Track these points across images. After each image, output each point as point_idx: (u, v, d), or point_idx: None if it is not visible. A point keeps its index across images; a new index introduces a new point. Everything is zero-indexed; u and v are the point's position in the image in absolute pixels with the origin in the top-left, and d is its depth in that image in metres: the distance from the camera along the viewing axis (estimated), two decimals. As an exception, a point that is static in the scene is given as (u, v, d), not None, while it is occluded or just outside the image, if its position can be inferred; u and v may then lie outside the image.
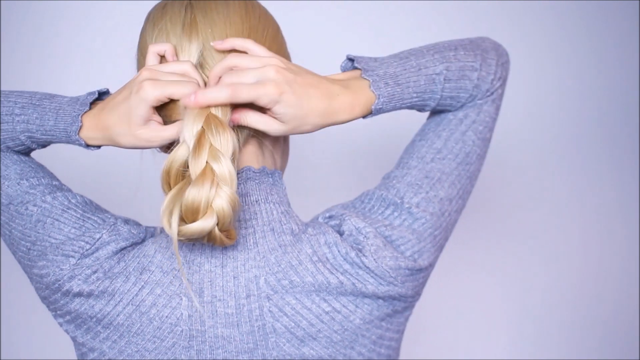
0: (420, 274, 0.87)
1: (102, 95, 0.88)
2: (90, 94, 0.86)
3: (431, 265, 0.89)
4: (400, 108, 0.88)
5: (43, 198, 0.87)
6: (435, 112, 0.93)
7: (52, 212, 0.86)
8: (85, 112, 0.84)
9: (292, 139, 0.99)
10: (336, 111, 0.82)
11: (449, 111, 0.91)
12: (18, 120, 0.87)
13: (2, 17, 1.68)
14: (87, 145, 0.85)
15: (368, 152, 1.84)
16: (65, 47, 1.73)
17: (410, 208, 0.86)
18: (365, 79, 0.85)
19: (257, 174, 0.86)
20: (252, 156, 0.88)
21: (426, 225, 0.87)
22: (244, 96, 0.78)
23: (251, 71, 0.79)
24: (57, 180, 0.91)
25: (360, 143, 1.86)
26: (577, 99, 2.05)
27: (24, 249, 0.87)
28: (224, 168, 0.75)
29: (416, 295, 0.89)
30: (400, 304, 0.87)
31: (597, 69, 2.04)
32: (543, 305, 2.09)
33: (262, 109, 0.81)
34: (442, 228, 0.89)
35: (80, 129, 0.84)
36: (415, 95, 0.87)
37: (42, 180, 0.89)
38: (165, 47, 0.83)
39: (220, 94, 0.77)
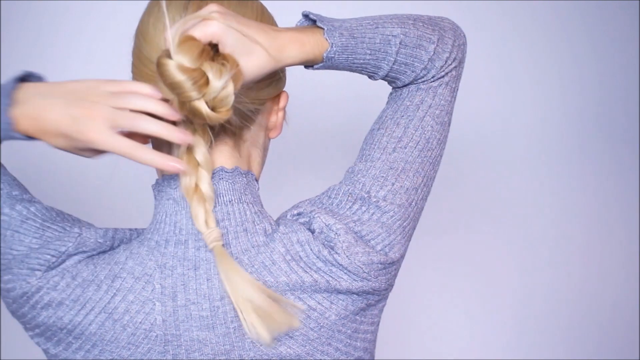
0: (392, 267, 0.87)
1: (28, 78, 0.82)
2: (11, 81, 0.79)
3: (402, 257, 0.89)
4: (353, 66, 0.86)
5: (1, 211, 0.85)
6: (392, 96, 0.91)
7: (10, 224, 0.84)
8: (12, 105, 0.77)
9: (287, 138, 0.99)
10: (285, 45, 0.79)
11: (403, 84, 0.89)
12: None
13: (2, 17, 1.68)
14: (29, 138, 0.80)
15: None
16: (65, 47, 1.73)
17: (377, 202, 0.86)
18: (320, 27, 0.83)
19: (230, 174, 0.85)
20: (226, 156, 0.86)
21: (395, 217, 0.86)
22: (189, 22, 0.74)
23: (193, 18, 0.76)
24: (18, 189, 0.87)
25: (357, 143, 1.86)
26: (577, 99, 2.05)
27: None
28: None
29: (389, 287, 0.89)
30: (374, 297, 0.87)
31: (597, 69, 2.04)
32: (543, 305, 2.08)
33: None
34: (410, 218, 0.88)
35: (15, 124, 0.78)
36: (369, 52, 0.85)
37: None
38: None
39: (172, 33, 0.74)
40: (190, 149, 0.80)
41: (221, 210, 0.84)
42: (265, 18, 0.87)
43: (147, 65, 0.83)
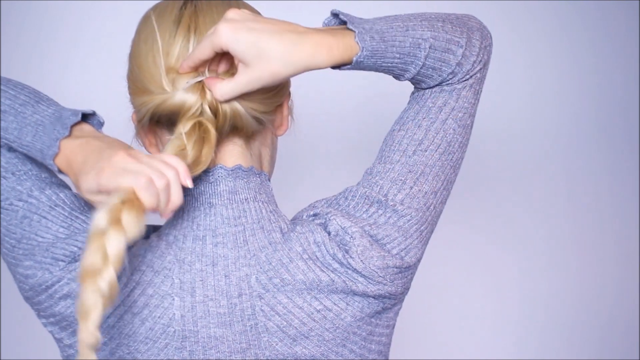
0: (408, 271, 0.86)
1: (87, 118, 0.84)
2: (73, 113, 0.81)
3: (419, 261, 0.87)
4: (380, 68, 0.84)
5: (30, 193, 0.84)
6: (415, 96, 0.90)
7: (39, 208, 0.84)
8: (66, 136, 0.80)
9: (293, 139, 0.99)
10: (310, 49, 0.77)
11: (427, 86, 0.88)
12: None
13: (2, 17, 1.68)
14: (60, 172, 0.81)
15: (370, 152, 1.84)
16: (65, 47, 1.73)
17: (394, 206, 0.85)
18: (350, 30, 0.81)
19: (246, 173, 0.85)
20: (240, 156, 0.86)
21: (412, 221, 0.85)
22: (200, 51, 0.77)
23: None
24: (47, 171, 0.88)
25: (361, 143, 1.86)
26: (576, 99, 2.05)
27: (8, 246, 0.85)
28: None
29: (405, 291, 0.88)
30: (390, 301, 0.87)
31: (597, 69, 2.04)
32: (543, 305, 2.08)
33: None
34: (428, 222, 0.87)
35: (56, 155, 0.79)
36: (398, 55, 0.83)
37: (30, 172, 0.86)
38: None
39: (185, 64, 0.79)
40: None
41: (237, 207, 0.84)
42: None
43: (144, 92, 0.83)
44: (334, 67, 0.83)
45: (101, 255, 0.70)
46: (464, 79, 0.87)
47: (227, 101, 0.80)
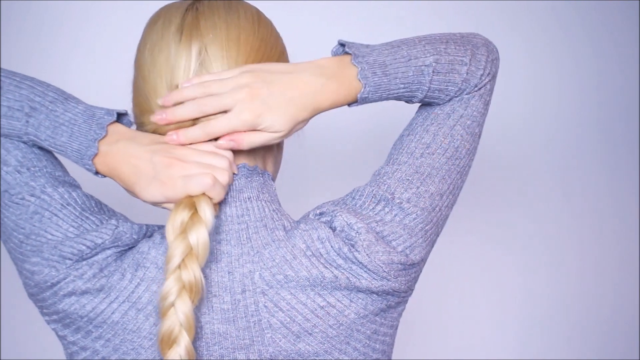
0: (412, 269, 0.87)
1: (120, 117, 0.86)
2: (107, 113, 0.84)
3: (423, 261, 0.89)
4: (387, 99, 0.88)
5: (43, 189, 0.84)
6: (424, 105, 0.93)
7: (51, 205, 0.84)
8: (103, 137, 0.83)
9: (293, 142, 0.99)
10: (321, 101, 0.84)
11: (437, 104, 0.91)
12: (27, 122, 0.84)
13: (2, 17, 1.68)
14: (96, 173, 0.84)
15: (371, 155, 1.84)
16: (65, 47, 1.73)
17: (401, 203, 0.86)
18: (354, 65, 0.85)
19: (250, 172, 0.87)
20: (244, 156, 0.88)
21: (417, 220, 0.86)
22: (219, 129, 0.82)
23: (222, 97, 0.82)
24: (61, 170, 0.88)
25: (364, 145, 1.86)
26: (576, 99, 2.05)
27: (16, 241, 0.85)
28: None
29: (409, 290, 0.89)
30: (394, 298, 0.87)
31: (597, 69, 2.04)
32: (543, 306, 2.09)
33: None
34: (433, 223, 0.88)
35: (95, 155, 0.83)
36: (402, 86, 0.87)
37: (45, 169, 0.86)
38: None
39: (195, 134, 0.83)
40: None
41: (241, 206, 0.85)
42: (281, 61, 0.90)
43: (147, 111, 0.87)
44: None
45: (185, 245, 0.79)
46: (472, 91, 0.91)
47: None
